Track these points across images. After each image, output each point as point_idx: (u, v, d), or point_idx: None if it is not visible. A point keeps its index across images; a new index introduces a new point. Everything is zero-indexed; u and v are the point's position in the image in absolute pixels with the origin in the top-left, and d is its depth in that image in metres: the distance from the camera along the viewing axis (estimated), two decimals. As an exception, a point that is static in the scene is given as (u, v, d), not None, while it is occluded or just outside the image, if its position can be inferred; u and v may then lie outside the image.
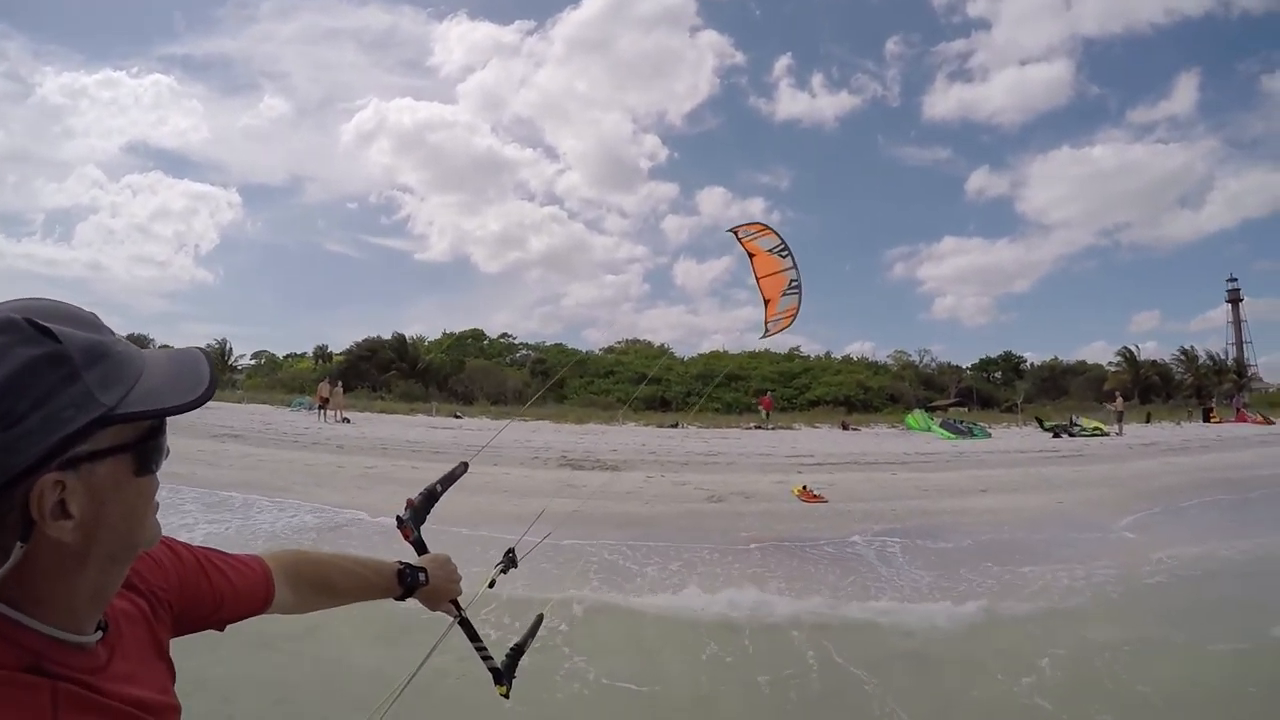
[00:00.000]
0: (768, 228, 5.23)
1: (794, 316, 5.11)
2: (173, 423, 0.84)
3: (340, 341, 49.14)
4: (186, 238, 73.66)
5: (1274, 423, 32.72)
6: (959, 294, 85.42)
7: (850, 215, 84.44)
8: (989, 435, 26.02)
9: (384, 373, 43.20)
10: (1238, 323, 54.22)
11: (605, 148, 79.33)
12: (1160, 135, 72.52)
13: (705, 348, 55.17)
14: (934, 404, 39.12)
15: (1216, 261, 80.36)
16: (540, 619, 1.87)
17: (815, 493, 12.30)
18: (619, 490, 12.24)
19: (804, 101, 75.66)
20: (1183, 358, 50.52)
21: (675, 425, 30.39)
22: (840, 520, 10.56)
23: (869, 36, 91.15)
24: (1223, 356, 51.34)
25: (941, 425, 27.53)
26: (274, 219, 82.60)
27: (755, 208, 73.30)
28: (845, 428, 30.53)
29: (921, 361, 51.96)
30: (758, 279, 5.13)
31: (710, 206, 76.17)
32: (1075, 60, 75.09)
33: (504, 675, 1.63)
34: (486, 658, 1.62)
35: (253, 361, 54.12)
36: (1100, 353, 61.04)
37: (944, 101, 76.76)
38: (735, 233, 5.25)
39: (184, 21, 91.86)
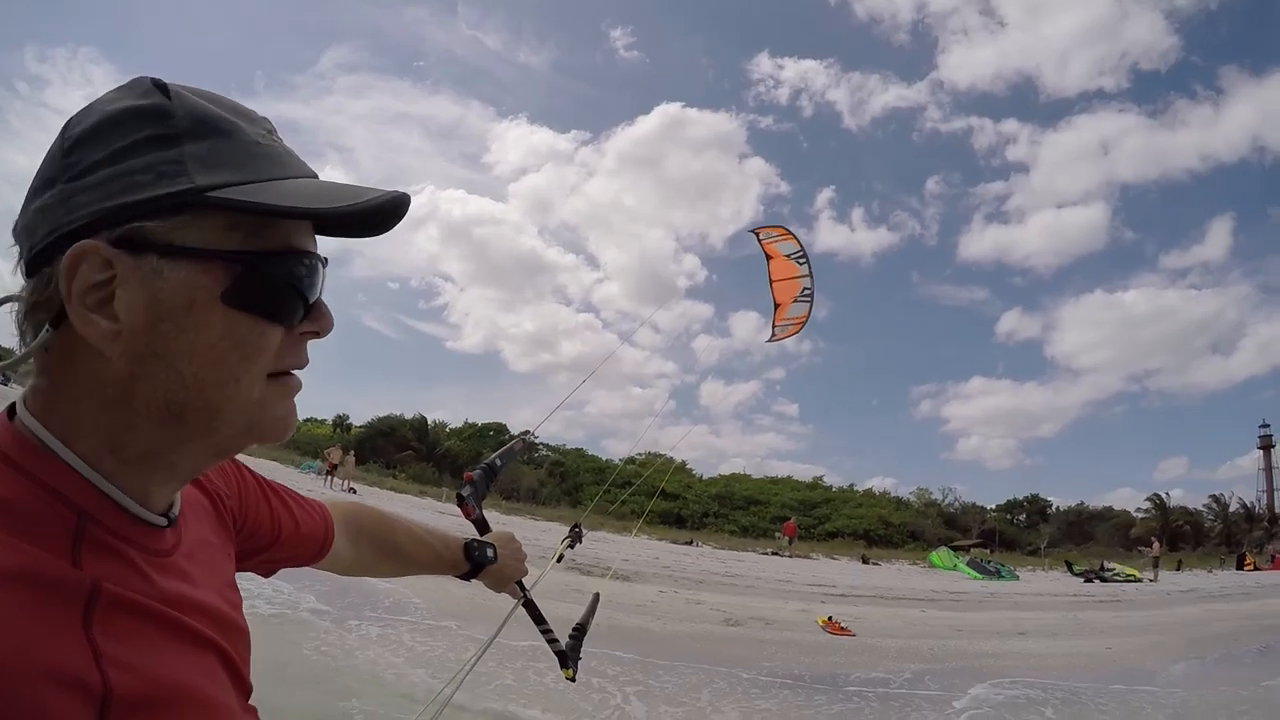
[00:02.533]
0: (789, 232, 5.10)
1: (803, 324, 5.00)
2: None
3: (361, 414, 49.10)
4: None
5: (1314, 570, 31.29)
6: (985, 435, 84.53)
7: (881, 350, 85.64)
8: (1017, 577, 25.25)
9: (400, 452, 42.88)
10: (1269, 469, 52.26)
11: (645, 262, 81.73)
12: (1193, 281, 74.22)
13: (725, 469, 54.35)
14: (957, 543, 37.87)
15: (1246, 407, 79.37)
16: (597, 597, 1.81)
17: (842, 625, 11.37)
18: (629, 602, 11.43)
19: (843, 234, 78.17)
20: (1214, 505, 49.17)
21: (690, 543, 29.47)
22: (873, 656, 9.61)
23: (911, 175, 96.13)
24: (1253, 504, 49.59)
25: (968, 564, 26.63)
26: None
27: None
28: (865, 561, 29.73)
29: (945, 500, 50.93)
30: (772, 281, 4.99)
31: (742, 330, 77.08)
32: (1111, 205, 77.36)
33: (570, 658, 1.55)
34: (552, 640, 1.54)
35: (272, 421, 54.17)
36: (1126, 499, 60.18)
37: (980, 242, 79.28)
38: (756, 233, 5.16)
39: (264, 81, 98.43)
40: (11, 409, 0.60)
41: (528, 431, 1.74)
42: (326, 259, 0.67)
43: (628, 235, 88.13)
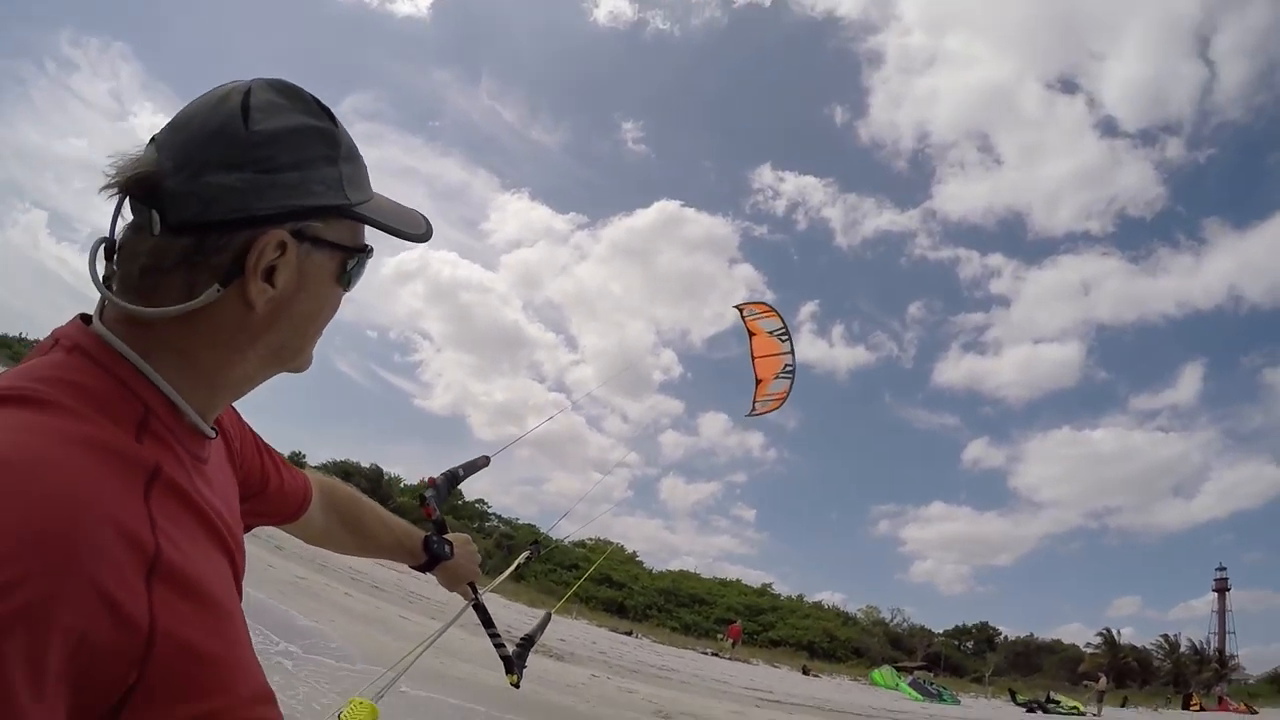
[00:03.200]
0: (772, 309, 5.16)
1: (783, 400, 5.03)
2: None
3: (317, 455, 47.53)
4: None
5: (1257, 712, 30.85)
6: (939, 559, 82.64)
7: (846, 465, 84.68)
8: (959, 702, 25.06)
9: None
10: (1222, 612, 51.94)
11: (624, 351, 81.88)
12: (1161, 423, 73.84)
13: (675, 565, 53.12)
14: (901, 664, 37.18)
15: (1204, 550, 78.59)
16: (549, 616, 1.87)
17: (775, 732, 10.93)
18: (560, 681, 10.91)
19: (822, 349, 78.28)
20: (1165, 645, 48.48)
21: (630, 633, 28.57)
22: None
23: (894, 298, 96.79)
24: (1204, 645, 48.81)
25: (910, 685, 26.19)
26: None
27: (754, 440, 73.93)
28: (806, 672, 28.94)
29: (893, 620, 49.98)
30: (754, 358, 5.03)
31: (710, 431, 76.87)
32: (1087, 344, 77.10)
33: (515, 664, 1.60)
34: (499, 645, 1.58)
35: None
36: (1076, 634, 58.61)
37: (955, 369, 79.12)
38: (740, 310, 5.19)
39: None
40: (86, 318, 0.72)
41: (488, 457, 1.81)
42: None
43: (610, 323, 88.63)
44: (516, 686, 1.59)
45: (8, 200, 73.87)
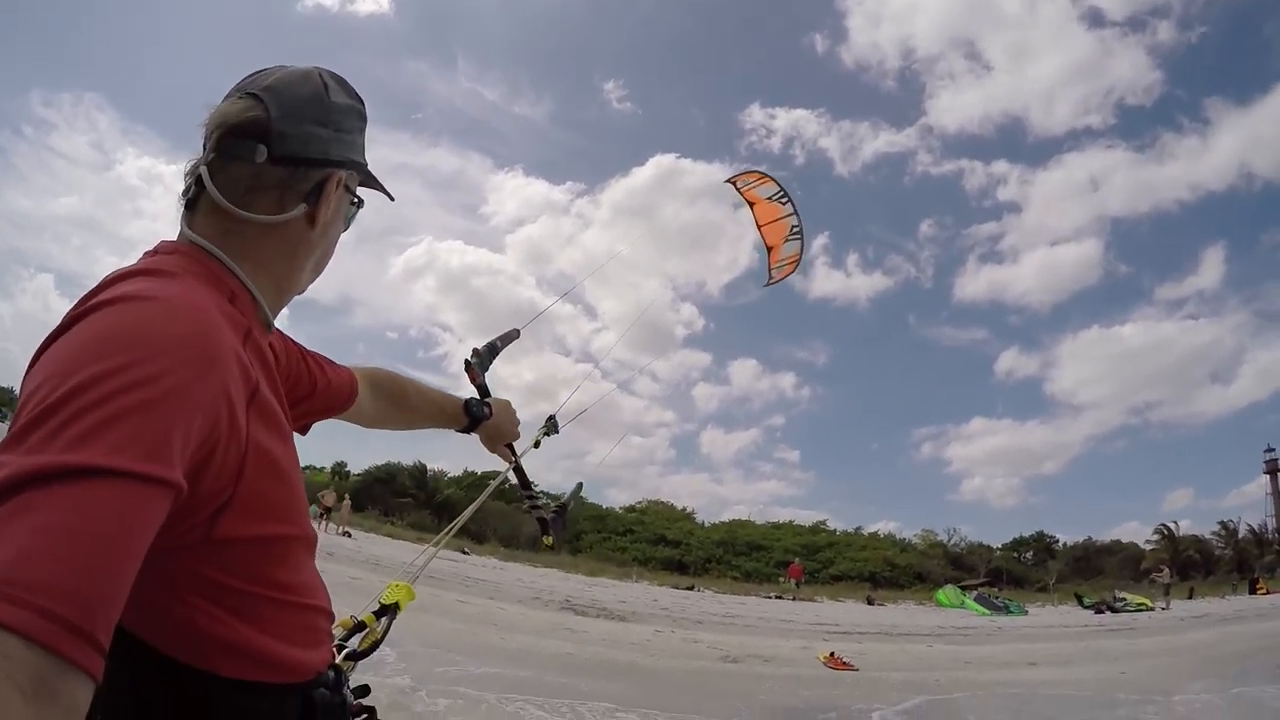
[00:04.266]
0: (767, 175, 4.98)
1: (797, 263, 4.91)
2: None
3: (360, 462, 48.23)
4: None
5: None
6: (988, 475, 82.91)
7: (880, 394, 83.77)
8: (1025, 612, 24.75)
9: (398, 498, 42.13)
10: (1276, 494, 51.16)
11: (643, 311, 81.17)
12: (1190, 311, 72.44)
13: (727, 516, 53.27)
14: (965, 583, 37.08)
15: (1249, 435, 76.46)
16: (580, 485, 2.06)
17: (844, 660, 10.90)
18: (623, 640, 10.99)
19: (839, 280, 77.36)
20: (1223, 533, 48.00)
21: (691, 588, 28.80)
22: (876, 688, 9.16)
23: (904, 219, 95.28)
24: (1263, 529, 48.19)
25: (975, 600, 25.98)
26: (317, 333, 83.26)
27: (786, 381, 74.29)
28: (871, 602, 29.04)
29: (950, 541, 49.93)
30: (759, 226, 4.87)
31: (741, 378, 76.86)
32: (1104, 240, 76.10)
33: (551, 527, 1.72)
34: (535, 507, 1.71)
35: (270, 467, 53.37)
36: (1134, 532, 57.83)
37: (975, 283, 77.98)
38: (734, 183, 5.00)
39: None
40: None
41: (518, 330, 1.89)
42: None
43: (624, 285, 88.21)
44: (552, 548, 1.77)
45: (13, 270, 74.24)
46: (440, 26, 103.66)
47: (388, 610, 1.34)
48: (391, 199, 1.14)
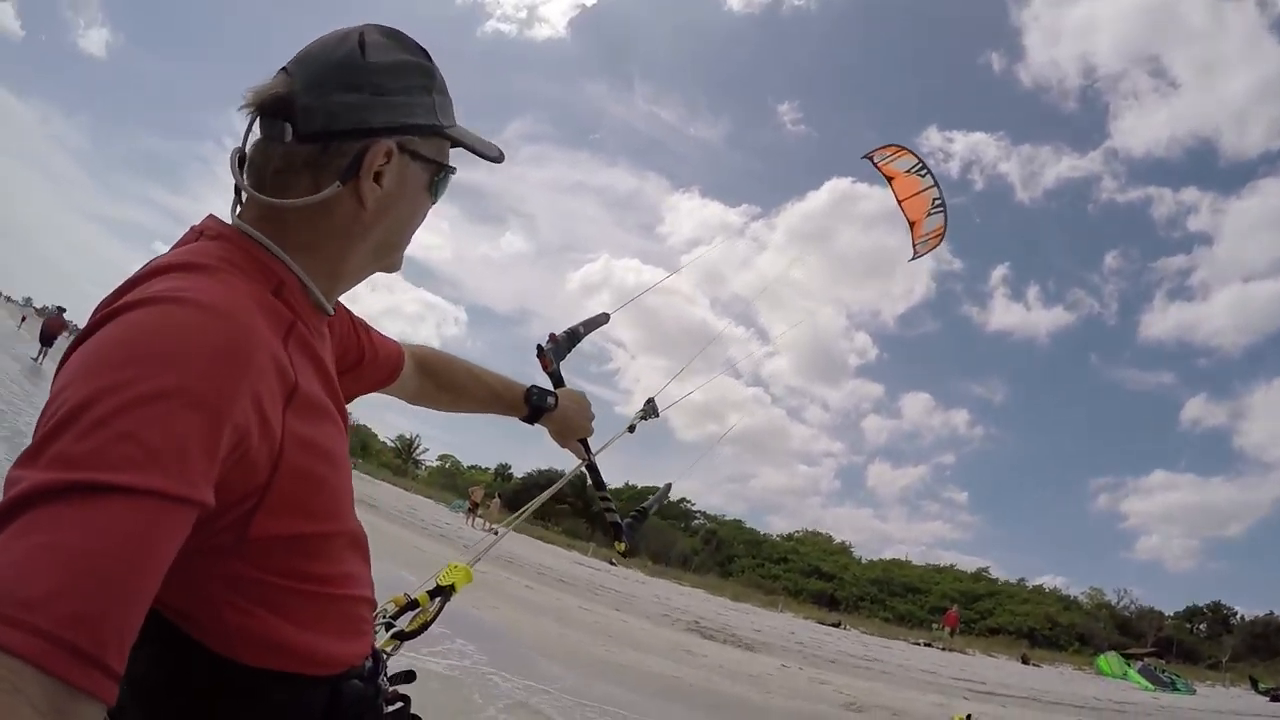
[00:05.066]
0: (904, 148, 4.88)
1: (941, 236, 4.78)
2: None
3: (523, 466, 50.79)
4: (408, 339, 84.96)
5: None
6: (1165, 534, 73.80)
7: (1057, 437, 76.56)
8: (1194, 691, 21.45)
9: (556, 504, 43.81)
10: None
11: (816, 339, 79.70)
12: None
13: (887, 554, 50.93)
14: (1129, 650, 32.88)
15: None
16: (669, 486, 1.88)
17: (983, 726, 9.97)
18: (742, 671, 10.74)
19: (1018, 314, 71.82)
20: None
21: (838, 624, 27.62)
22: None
23: (1087, 249, 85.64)
24: None
25: (1139, 672, 22.97)
26: (493, 341, 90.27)
27: (959, 418, 70.29)
28: (1025, 661, 26.44)
29: (1119, 603, 44.63)
30: (900, 201, 4.78)
31: (913, 412, 73.69)
32: None
33: (624, 532, 1.59)
34: (610, 510, 1.60)
35: (438, 463, 57.38)
36: None
37: (1162, 321, 70.16)
38: (870, 158, 4.91)
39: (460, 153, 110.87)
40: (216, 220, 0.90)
41: (607, 314, 1.83)
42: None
43: (798, 311, 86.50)
44: (625, 554, 1.64)
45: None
46: (615, 50, 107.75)
47: (442, 591, 1.31)
48: (493, 159, 1.01)
